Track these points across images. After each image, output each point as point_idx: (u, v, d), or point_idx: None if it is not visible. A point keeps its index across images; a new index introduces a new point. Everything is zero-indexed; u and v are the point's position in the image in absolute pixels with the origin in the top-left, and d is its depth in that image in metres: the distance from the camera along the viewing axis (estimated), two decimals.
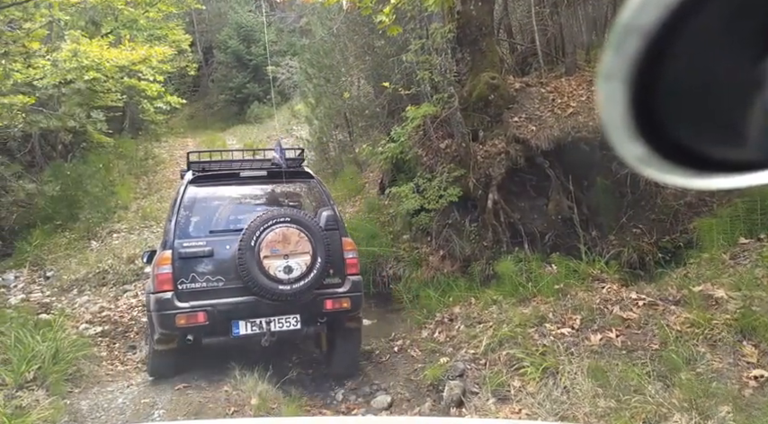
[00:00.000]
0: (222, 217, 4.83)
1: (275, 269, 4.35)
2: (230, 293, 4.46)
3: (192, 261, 4.51)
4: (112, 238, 11.29)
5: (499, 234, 7.31)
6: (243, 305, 4.45)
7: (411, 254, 7.80)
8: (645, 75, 0.47)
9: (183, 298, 4.42)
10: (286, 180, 4.95)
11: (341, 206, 10.80)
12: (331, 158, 13.17)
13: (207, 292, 4.46)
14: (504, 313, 4.82)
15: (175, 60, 21.63)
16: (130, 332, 7.16)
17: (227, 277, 4.49)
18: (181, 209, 4.65)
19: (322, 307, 4.63)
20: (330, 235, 4.70)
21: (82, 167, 13.28)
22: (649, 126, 0.50)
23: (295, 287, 4.38)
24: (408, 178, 7.92)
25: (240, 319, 4.49)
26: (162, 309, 4.38)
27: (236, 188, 5.01)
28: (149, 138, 19.15)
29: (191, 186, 4.83)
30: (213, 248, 4.55)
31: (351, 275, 4.88)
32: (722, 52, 0.47)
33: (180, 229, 4.60)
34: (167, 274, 4.42)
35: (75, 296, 9.12)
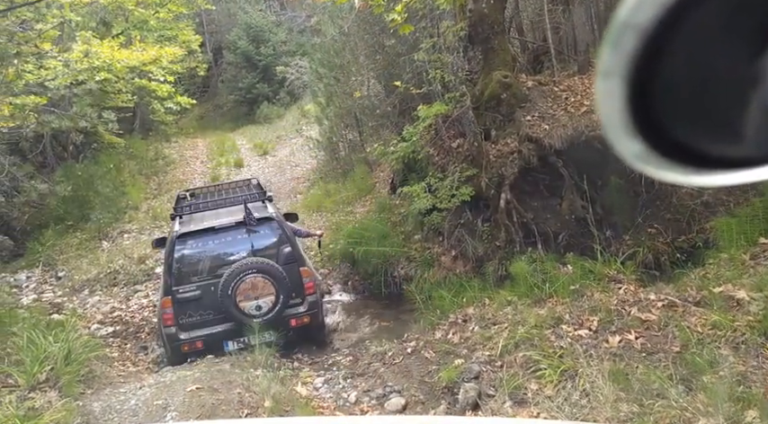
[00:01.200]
0: (206, 266, 5.99)
1: (249, 308, 5.70)
2: (219, 322, 5.84)
3: (186, 302, 5.84)
4: (123, 238, 11.31)
5: (512, 234, 7.24)
6: (229, 330, 5.82)
7: (423, 254, 7.74)
8: (643, 72, 0.47)
9: (184, 329, 5.82)
10: (253, 227, 6.03)
11: (351, 206, 10.77)
12: (341, 158, 13.14)
13: (201, 323, 5.84)
14: (519, 314, 4.75)
15: (185, 61, 21.72)
16: (141, 333, 7.15)
17: (215, 311, 5.81)
18: (173, 263, 5.89)
19: (288, 325, 5.99)
20: (289, 268, 5.95)
21: (93, 168, 13.33)
22: (647, 123, 0.50)
23: (265, 318, 5.72)
24: (420, 177, 7.86)
25: (229, 339, 5.86)
26: (169, 341, 5.80)
27: (214, 237, 6.07)
28: (159, 139, 19.21)
29: (178, 241, 5.97)
30: (201, 291, 5.86)
31: (309, 295, 6.09)
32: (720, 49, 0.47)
33: (174, 279, 5.87)
34: (170, 314, 5.81)
35: (87, 297, 9.13)
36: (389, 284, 7.85)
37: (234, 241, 6.04)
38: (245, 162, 16.98)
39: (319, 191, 12.23)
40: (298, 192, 13.66)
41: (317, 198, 11.93)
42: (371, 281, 7.99)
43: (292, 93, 23.88)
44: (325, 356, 5.80)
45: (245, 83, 24.29)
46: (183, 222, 6.34)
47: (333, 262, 8.63)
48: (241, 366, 4.90)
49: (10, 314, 6.01)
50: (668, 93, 0.49)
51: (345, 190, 11.50)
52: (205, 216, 6.48)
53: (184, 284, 5.85)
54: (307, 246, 8.44)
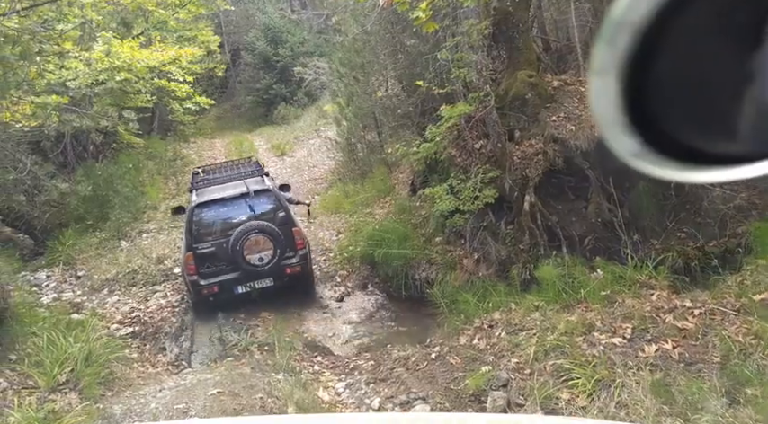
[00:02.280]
0: (218, 227, 7.41)
1: (253, 260, 7.11)
2: (230, 271, 7.25)
3: (204, 256, 7.28)
4: (142, 238, 11.31)
5: (536, 237, 7.08)
6: (238, 277, 7.25)
7: (444, 257, 7.61)
8: (637, 69, 0.47)
9: (203, 277, 7.24)
10: (255, 196, 7.46)
11: (370, 207, 10.67)
12: (359, 159, 13.03)
13: (217, 272, 7.26)
14: (547, 320, 4.60)
15: (204, 61, 21.83)
16: (160, 334, 7.11)
17: (227, 262, 7.22)
18: (192, 226, 7.36)
19: (284, 273, 7.36)
20: (284, 229, 7.35)
21: (112, 167, 13.37)
22: (642, 120, 0.50)
23: (266, 267, 7.14)
24: (442, 179, 7.73)
25: (238, 284, 7.30)
26: (192, 286, 7.30)
27: (224, 206, 7.48)
28: (178, 139, 19.27)
29: (196, 210, 7.42)
30: (216, 248, 7.27)
31: (299, 250, 7.52)
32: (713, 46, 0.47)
33: (194, 237, 7.34)
34: (192, 266, 7.28)
35: (106, 296, 9.12)
36: (410, 287, 7.73)
37: (239, 208, 7.48)
38: (263, 162, 16.92)
39: (337, 192, 12.13)
40: (315, 193, 13.58)
41: (335, 200, 11.84)
42: (392, 284, 7.87)
43: (310, 94, 23.84)
44: (346, 359, 5.69)
45: (263, 83, 24.32)
46: (198, 194, 7.83)
47: (352, 264, 8.53)
48: (262, 369, 4.81)
49: (30, 314, 5.98)
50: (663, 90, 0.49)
51: (364, 192, 11.39)
52: (216, 188, 7.92)
53: (202, 242, 7.32)
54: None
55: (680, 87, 0.49)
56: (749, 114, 0.46)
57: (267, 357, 5.21)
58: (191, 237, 7.33)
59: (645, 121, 0.50)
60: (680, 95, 0.49)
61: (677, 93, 0.49)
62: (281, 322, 7.24)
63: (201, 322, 7.44)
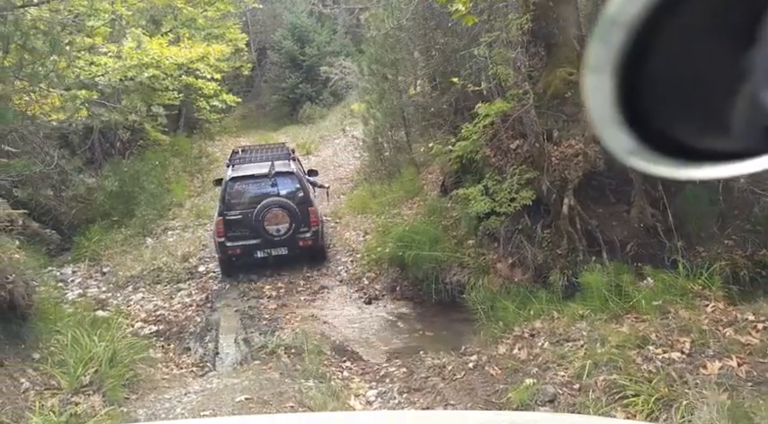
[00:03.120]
0: (246, 199, 8.55)
1: (272, 230, 8.23)
2: (252, 238, 8.32)
3: (232, 222, 8.41)
4: (167, 235, 11.23)
5: (575, 242, 6.76)
6: (258, 244, 8.34)
7: (477, 261, 7.33)
8: (631, 67, 0.47)
9: (230, 240, 8.40)
10: (280, 176, 8.62)
11: (398, 208, 10.44)
12: (386, 159, 12.81)
13: (241, 237, 8.36)
14: (595, 330, 4.31)
15: (231, 60, 21.84)
16: (185, 333, 6.96)
17: (250, 230, 8.28)
18: (226, 196, 8.55)
19: (297, 244, 8.50)
20: (301, 207, 8.44)
21: (139, 164, 13.35)
22: (637, 117, 0.50)
23: (282, 238, 8.27)
24: (475, 180, 7.46)
25: (258, 250, 8.43)
26: (220, 246, 8.48)
27: (253, 182, 8.68)
28: (203, 137, 19.28)
29: (230, 184, 8.65)
30: (242, 216, 8.38)
31: (313, 226, 8.57)
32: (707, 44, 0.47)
33: (225, 206, 8.51)
34: (222, 229, 8.40)
35: (131, 293, 9.03)
36: (440, 290, 7.47)
37: (266, 185, 8.62)
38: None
39: (364, 192, 11.93)
40: (341, 193, 13.40)
41: (361, 199, 11.64)
42: (421, 287, 7.62)
43: (335, 94, 23.73)
44: (376, 365, 5.46)
45: (289, 83, 24.25)
46: (234, 169, 9.02)
47: (380, 266, 8.29)
48: (291, 374, 4.60)
49: (55, 310, 5.86)
50: (657, 88, 0.49)
51: (391, 192, 11.16)
52: (249, 166, 9.07)
53: (231, 210, 8.47)
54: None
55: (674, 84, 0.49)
56: (743, 111, 0.46)
57: (295, 362, 5.00)
58: (223, 205, 8.58)
59: (640, 119, 0.50)
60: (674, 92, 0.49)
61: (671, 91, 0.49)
62: (305, 324, 7.05)
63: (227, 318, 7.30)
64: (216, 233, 8.60)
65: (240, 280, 8.89)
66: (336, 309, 7.55)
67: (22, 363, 4.08)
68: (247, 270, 8.75)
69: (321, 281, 8.47)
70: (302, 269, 9.01)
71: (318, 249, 8.90)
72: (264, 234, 8.22)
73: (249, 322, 7.11)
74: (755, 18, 0.44)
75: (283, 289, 8.30)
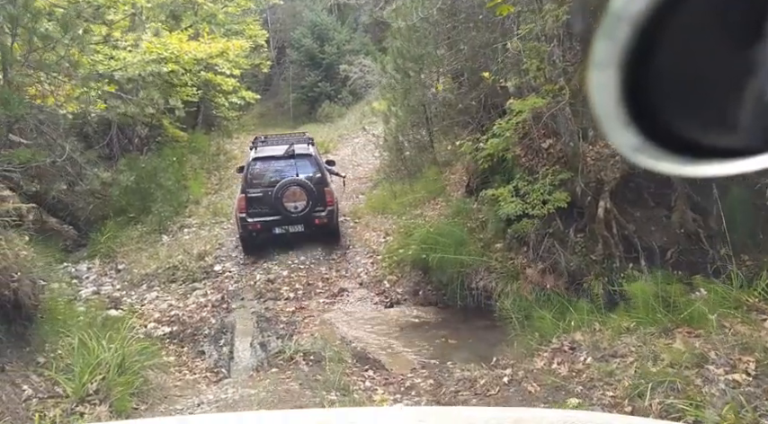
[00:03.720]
0: (267, 179, 9.13)
1: (290, 207, 8.79)
2: (271, 214, 8.85)
3: (253, 200, 8.96)
4: (183, 233, 11.01)
5: (611, 247, 6.37)
6: (277, 220, 8.88)
7: (504, 265, 6.97)
8: (636, 63, 0.47)
9: (250, 216, 8.94)
10: (298, 158, 9.22)
11: (419, 209, 10.10)
12: (407, 158, 12.48)
13: (261, 213, 8.90)
14: (644, 345, 3.93)
15: (250, 57, 21.68)
16: (199, 335, 6.68)
17: (270, 207, 8.82)
18: (248, 175, 9.18)
19: (313, 221, 8.99)
20: (318, 187, 8.97)
21: (156, 160, 13.16)
22: (642, 114, 0.50)
23: (299, 215, 8.82)
24: (504, 180, 7.10)
25: (276, 226, 8.96)
26: (241, 221, 9.02)
27: (274, 162, 9.29)
28: (221, 135, 19.11)
29: (252, 162, 9.36)
30: (263, 194, 8.95)
31: (328, 206, 9.08)
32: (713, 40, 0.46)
33: (248, 184, 9.13)
34: (244, 205, 8.96)
35: (145, 292, 8.80)
36: (465, 296, 7.12)
37: (285, 166, 9.23)
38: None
39: (384, 192, 11.61)
40: (360, 192, 13.09)
41: (381, 199, 11.31)
42: (445, 292, 7.28)
43: (354, 93, 23.48)
44: (400, 375, 5.13)
45: (308, 81, 24.05)
46: (257, 151, 9.70)
47: (402, 269, 7.96)
48: (311, 385, 4.28)
49: (65, 310, 5.62)
50: (662, 84, 0.48)
51: (412, 192, 10.83)
52: (271, 148, 9.75)
53: (253, 188, 9.07)
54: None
55: (680, 81, 0.48)
56: (749, 107, 0.45)
57: (315, 371, 4.68)
58: (245, 183, 9.24)
59: (645, 115, 0.49)
60: (680, 89, 0.49)
61: (677, 87, 0.49)
62: (324, 328, 6.75)
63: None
64: (238, 209, 9.24)
65: (257, 280, 8.62)
66: (357, 313, 7.23)
67: (25, 368, 3.82)
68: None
69: (340, 283, 8.16)
70: (320, 271, 8.72)
71: (333, 227, 9.48)
72: (283, 210, 8.85)
73: (266, 324, 6.82)
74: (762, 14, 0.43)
75: (301, 291, 8.00)
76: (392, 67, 9.62)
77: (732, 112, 0.47)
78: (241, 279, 8.77)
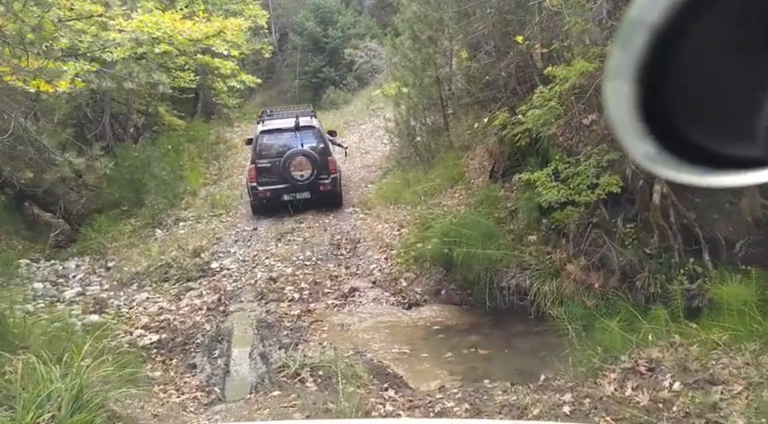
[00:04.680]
0: (275, 150, 9.79)
1: (297, 175, 9.54)
2: (279, 183, 9.58)
3: (263, 169, 9.69)
4: (178, 227, 10.15)
5: (668, 239, 5.45)
6: (285, 188, 9.60)
7: (540, 260, 6.07)
8: (653, 71, 0.46)
9: (261, 185, 9.67)
10: (303, 130, 9.89)
11: (436, 198, 9.19)
12: (419, 144, 11.56)
13: (270, 182, 9.63)
14: (754, 367, 3.03)
15: (251, 41, 20.73)
16: (191, 344, 5.82)
17: (278, 176, 9.54)
18: (257, 146, 9.87)
19: (318, 189, 9.68)
20: (321, 156, 9.69)
21: (150, 148, 12.30)
22: (658, 122, 0.49)
23: (305, 183, 9.54)
24: (539, 163, 6.18)
25: (285, 194, 9.66)
26: (252, 190, 9.84)
27: (281, 134, 9.97)
28: (221, 123, 18.24)
29: (260, 136, 10.00)
30: (271, 164, 9.65)
31: (331, 174, 9.82)
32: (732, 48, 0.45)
33: (257, 155, 9.80)
34: (254, 175, 9.73)
35: (135, 292, 7.95)
36: (495, 296, 6.23)
37: (291, 137, 9.89)
38: None
39: (397, 180, 10.70)
40: (369, 181, 12.19)
41: (393, 188, 10.41)
42: (471, 291, 6.39)
43: (360, 78, 22.54)
44: (427, 396, 4.24)
45: (311, 66, 23.11)
46: (264, 124, 10.36)
47: (421, 265, 7.06)
48: (321, 415, 3.40)
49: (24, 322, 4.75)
50: (680, 92, 0.48)
51: (427, 180, 9.92)
52: (277, 121, 10.46)
53: (262, 159, 9.75)
54: None
55: (697, 88, 0.47)
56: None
57: (326, 394, 3.81)
58: (255, 154, 9.93)
59: (661, 123, 0.48)
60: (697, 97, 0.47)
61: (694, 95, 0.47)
62: (334, 335, 5.88)
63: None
64: (248, 178, 10.03)
65: (258, 279, 7.76)
66: (371, 317, 6.35)
67: None
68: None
69: (351, 282, 7.27)
70: (328, 268, 7.84)
71: (336, 194, 10.28)
72: (290, 179, 9.57)
73: (267, 331, 5.95)
74: None
75: (307, 291, 7.13)
76: (408, 35, 8.63)
77: (752, 121, 0.44)
78: (240, 278, 7.90)
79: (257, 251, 8.77)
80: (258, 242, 9.18)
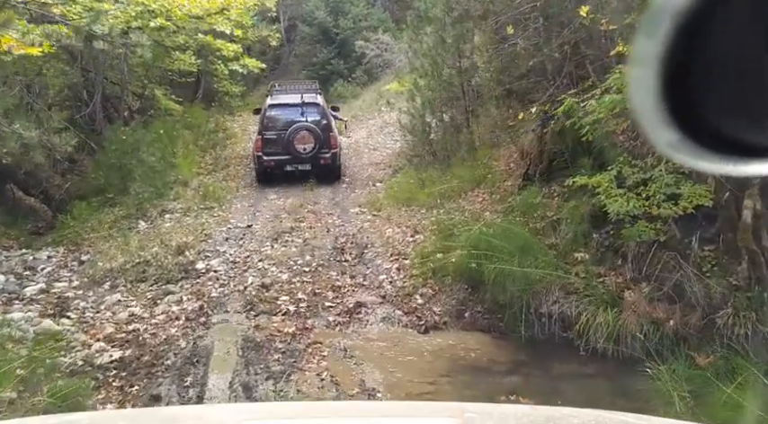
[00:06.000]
0: (280, 123, 10.53)
1: (300, 148, 10.25)
2: (283, 154, 10.27)
3: (269, 141, 10.40)
4: (164, 219, 9.07)
5: (761, 268, 4.37)
6: (288, 159, 10.32)
7: (591, 284, 4.98)
8: (678, 59, 0.45)
9: (266, 155, 10.37)
10: (308, 106, 10.65)
11: (456, 201, 8.12)
12: (436, 141, 10.51)
13: (275, 153, 10.32)
14: None
15: (257, 27, 19.67)
16: (159, 367, 4.73)
17: (282, 148, 10.25)
18: (265, 119, 10.64)
19: (319, 161, 10.41)
20: (323, 132, 10.40)
21: (140, 132, 11.22)
22: (681, 110, 0.47)
23: (307, 155, 10.26)
24: (594, 165, 5.10)
25: (288, 164, 10.37)
26: (258, 159, 10.53)
27: (287, 109, 10.75)
28: (222, 111, 17.17)
29: (268, 109, 10.83)
30: (276, 136, 10.35)
31: (332, 148, 10.54)
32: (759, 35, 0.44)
33: (264, 127, 10.56)
34: (260, 145, 10.46)
35: (106, 293, 6.88)
36: (532, 323, 5.14)
37: (296, 112, 10.50)
38: None
39: (410, 179, 9.63)
40: (377, 180, 11.12)
41: (405, 189, 9.33)
42: (503, 316, 5.30)
43: (370, 73, 21.47)
44: None
45: (320, 58, 22.02)
46: (272, 97, 11.08)
47: (440, 280, 5.98)
48: None
49: None
50: (703, 80, 0.47)
51: (444, 181, 8.85)
52: (285, 97, 11.13)
53: (268, 130, 10.37)
54: None
55: (722, 77, 0.46)
56: None
57: None
58: (262, 126, 10.58)
59: (684, 112, 0.47)
60: (722, 85, 0.46)
61: (718, 83, 0.46)
62: (336, 363, 4.80)
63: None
64: (255, 148, 10.70)
65: (248, 284, 6.68)
66: (380, 340, 5.26)
67: None
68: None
69: (357, 295, 6.19)
70: (330, 276, 6.76)
71: (335, 168, 10.87)
72: (293, 151, 10.14)
73: (254, 354, 4.86)
74: None
75: (305, 304, 6.04)
76: (441, 9, 7.52)
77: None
78: (228, 283, 6.82)
79: (250, 252, 7.69)
80: (252, 242, 8.11)
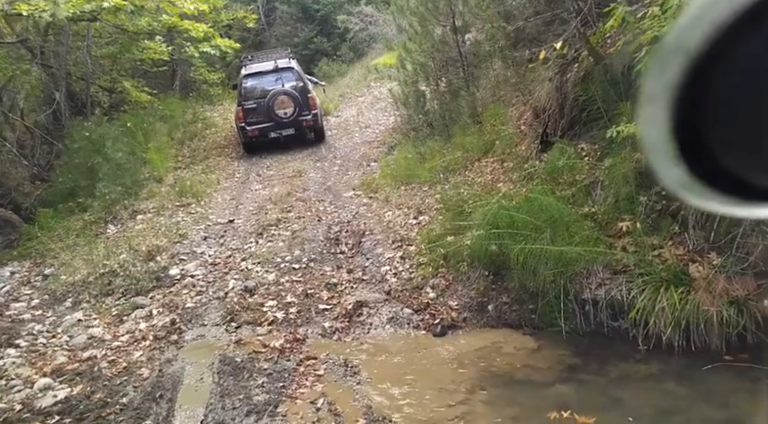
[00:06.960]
0: (258, 91, 10.79)
1: (281, 113, 10.51)
2: (265, 122, 10.54)
3: (249, 110, 10.61)
4: (135, 221, 8.07)
5: None
6: (271, 126, 10.59)
7: (644, 259, 3.99)
8: (689, 97, 0.45)
9: (249, 125, 10.58)
10: (282, 71, 10.97)
11: (460, 175, 7.08)
12: (434, 111, 9.47)
13: (257, 122, 10.55)
14: None
15: (232, 8, 18.49)
16: (113, 406, 3.76)
17: (263, 116, 10.51)
18: (242, 89, 10.81)
19: (301, 124, 10.77)
20: (302, 94, 10.69)
21: (105, 126, 10.17)
22: (692, 149, 0.47)
23: (289, 120, 10.54)
24: (630, 119, 4.08)
25: (271, 131, 10.65)
26: (241, 130, 10.74)
27: (262, 77, 10.95)
28: (201, 100, 16.04)
29: (244, 80, 10.92)
30: (256, 105, 10.59)
31: (312, 110, 10.83)
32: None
33: (242, 97, 10.76)
34: (242, 116, 10.63)
35: (66, 311, 5.92)
36: (571, 313, 4.17)
37: (272, 78, 10.87)
38: None
39: (407, 155, 8.59)
40: (371, 159, 10.08)
41: (403, 165, 8.30)
42: (535, 306, 4.32)
43: (355, 48, 20.33)
44: None
45: (302, 37, 20.85)
46: (246, 68, 11.13)
47: (453, 267, 4.98)
48: None
49: None
50: (715, 119, 0.46)
51: (446, 153, 7.83)
52: (258, 65, 11.21)
53: (247, 100, 10.67)
54: None
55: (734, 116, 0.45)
56: None
57: None
58: (240, 97, 10.68)
59: (694, 151, 0.47)
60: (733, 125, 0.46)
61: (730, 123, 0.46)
62: (334, 386, 3.84)
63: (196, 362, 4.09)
64: (236, 119, 10.84)
65: (229, 289, 5.71)
66: (387, 348, 4.28)
67: None
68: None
69: (356, 292, 5.20)
70: (324, 271, 5.77)
71: (318, 129, 11.24)
72: (275, 117, 10.40)
73: (233, 381, 3.89)
74: None
75: (295, 307, 5.06)
76: None
77: None
78: (206, 289, 5.84)
79: (231, 251, 6.70)
80: (234, 239, 7.11)
